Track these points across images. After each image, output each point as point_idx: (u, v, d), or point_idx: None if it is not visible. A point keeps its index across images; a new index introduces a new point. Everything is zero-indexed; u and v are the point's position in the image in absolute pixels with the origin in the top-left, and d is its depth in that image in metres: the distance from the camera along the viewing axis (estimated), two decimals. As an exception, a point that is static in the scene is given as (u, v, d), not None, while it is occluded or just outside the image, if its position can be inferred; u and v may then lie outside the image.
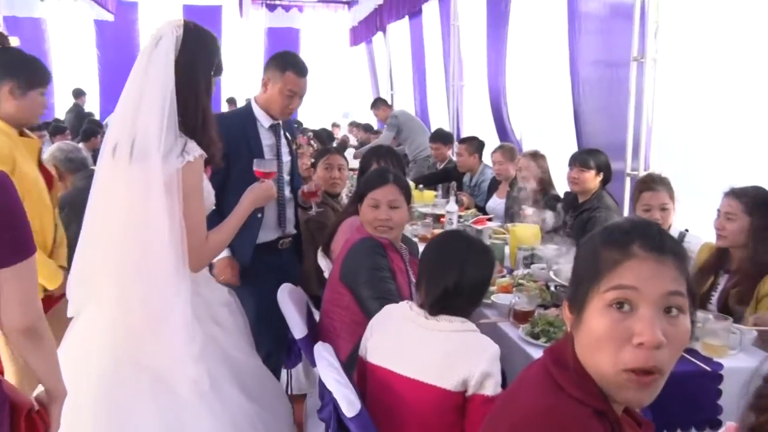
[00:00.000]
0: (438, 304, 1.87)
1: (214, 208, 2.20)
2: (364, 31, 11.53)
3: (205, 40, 2.00)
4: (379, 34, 10.94)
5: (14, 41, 2.68)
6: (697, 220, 3.32)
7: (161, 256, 1.87)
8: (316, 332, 2.43)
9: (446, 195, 5.74)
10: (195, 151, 1.92)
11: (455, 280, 1.86)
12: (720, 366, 2.14)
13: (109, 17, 11.72)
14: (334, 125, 12.91)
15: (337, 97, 14.35)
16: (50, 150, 3.66)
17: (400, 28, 9.83)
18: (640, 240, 1.06)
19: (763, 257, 2.59)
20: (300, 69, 2.94)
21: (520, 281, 2.81)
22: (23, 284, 1.37)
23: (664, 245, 1.05)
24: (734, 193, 2.71)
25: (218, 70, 2.04)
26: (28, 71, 2.52)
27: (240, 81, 13.95)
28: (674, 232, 3.17)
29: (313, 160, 4.01)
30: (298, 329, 2.27)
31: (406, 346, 1.86)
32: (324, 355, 1.91)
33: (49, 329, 1.45)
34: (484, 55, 6.21)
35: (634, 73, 3.84)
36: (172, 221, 1.86)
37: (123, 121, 1.93)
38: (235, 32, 13.85)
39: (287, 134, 3.13)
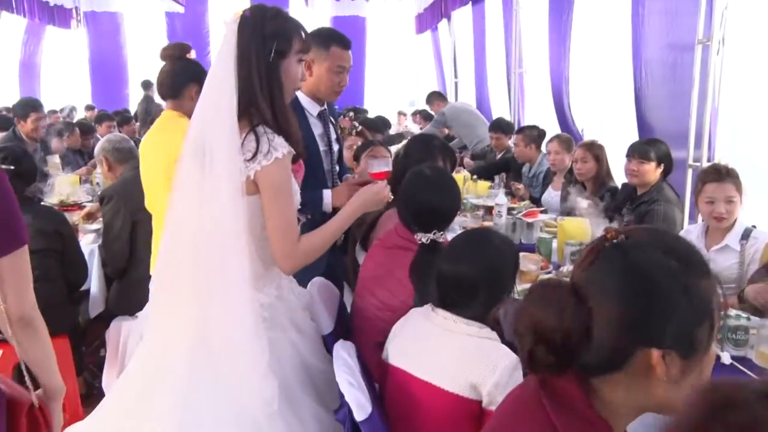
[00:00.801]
0: (438, 296, 1.80)
1: (299, 207, 2.07)
2: (429, 18, 11.39)
3: (259, 24, 1.84)
4: (444, 21, 10.79)
5: (192, 54, 2.94)
6: (764, 216, 3.10)
7: (234, 263, 1.78)
8: (346, 328, 2.38)
9: (504, 185, 5.64)
10: (283, 148, 1.81)
11: (452, 272, 1.78)
12: (773, 377, 1.98)
13: (180, 9, 12.03)
14: (400, 113, 12.86)
15: (403, 86, 14.27)
16: (100, 143, 3.76)
17: (463, 15, 9.65)
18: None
19: None
20: (344, 41, 2.76)
21: (563, 280, 2.67)
22: (17, 273, 1.38)
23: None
24: None
25: (282, 51, 1.86)
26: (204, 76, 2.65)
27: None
28: (740, 228, 2.97)
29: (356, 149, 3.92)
30: (324, 325, 2.23)
31: (423, 347, 1.79)
32: (341, 354, 1.86)
33: (43, 322, 1.46)
34: (546, 41, 6.02)
35: (699, 57, 3.61)
36: (240, 229, 1.78)
37: (198, 122, 1.87)
38: (301, 21, 13.96)
39: (332, 119, 3.00)
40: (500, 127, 6.14)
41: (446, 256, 1.85)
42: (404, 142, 7.21)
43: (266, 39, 1.84)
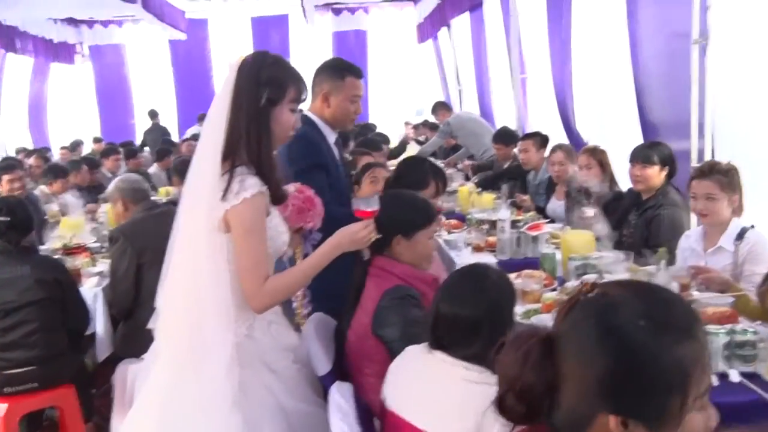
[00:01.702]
0: (431, 336, 1.77)
1: (285, 248, 2.12)
2: (430, 27, 11.39)
3: (255, 70, 1.91)
4: (444, 29, 10.77)
5: None
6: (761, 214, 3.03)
7: (206, 303, 1.88)
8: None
9: (510, 196, 5.58)
10: (253, 188, 1.85)
11: (436, 308, 1.76)
12: (784, 393, 1.91)
13: (182, 36, 12.13)
14: (407, 124, 12.84)
15: (409, 96, 14.26)
16: (115, 183, 3.75)
17: (462, 23, 9.63)
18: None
19: None
20: (357, 71, 2.88)
21: (566, 298, 2.62)
22: None
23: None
24: None
25: (273, 99, 1.91)
26: None
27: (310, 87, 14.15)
28: (735, 229, 2.91)
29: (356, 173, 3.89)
30: (321, 365, 2.19)
31: (421, 392, 1.75)
32: (336, 399, 1.83)
33: None
34: (547, 45, 5.97)
35: (696, 58, 3.55)
36: (216, 265, 1.86)
37: (192, 167, 1.98)
38: (303, 39, 14.04)
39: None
40: (501, 137, 6.09)
41: (445, 297, 1.82)
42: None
43: (260, 85, 1.90)
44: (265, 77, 1.91)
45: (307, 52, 14.24)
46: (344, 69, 2.83)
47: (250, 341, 1.96)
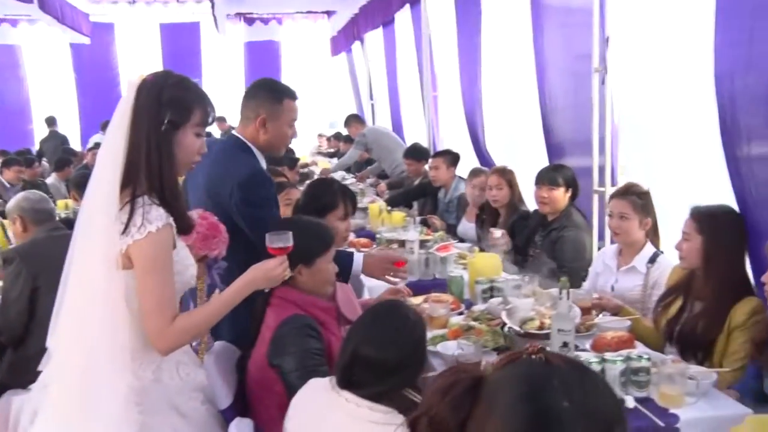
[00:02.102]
0: (341, 375, 1.74)
1: (193, 282, 2.00)
2: (343, 41, 11.40)
3: (155, 91, 1.77)
4: (357, 43, 10.81)
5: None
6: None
7: (99, 346, 1.72)
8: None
9: (421, 214, 5.63)
10: (159, 221, 1.72)
11: (354, 349, 1.73)
12: (676, 419, 1.99)
13: (85, 40, 11.63)
14: (320, 136, 12.79)
15: (322, 108, 14.23)
16: (16, 199, 3.49)
17: (376, 38, 9.70)
18: None
19: (716, 282, 2.47)
20: (293, 93, 2.72)
21: (472, 323, 2.65)
22: None
23: None
24: (692, 212, 2.62)
25: (176, 122, 1.79)
26: None
27: (222, 97, 13.88)
28: (649, 252, 3.04)
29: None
30: (221, 399, 2.11)
31: (323, 430, 1.71)
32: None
33: None
34: (457, 64, 6.08)
35: (596, 85, 3.69)
36: (113, 305, 1.71)
37: (87, 193, 1.81)
38: (215, 48, 13.77)
39: None
40: (414, 153, 6.14)
41: (365, 339, 1.77)
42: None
43: (162, 107, 1.77)
44: (167, 98, 1.77)
45: (219, 62, 14.02)
46: (281, 92, 2.68)
47: (157, 385, 1.83)
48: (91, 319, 1.72)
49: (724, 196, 2.68)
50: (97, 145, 10.51)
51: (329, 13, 12.29)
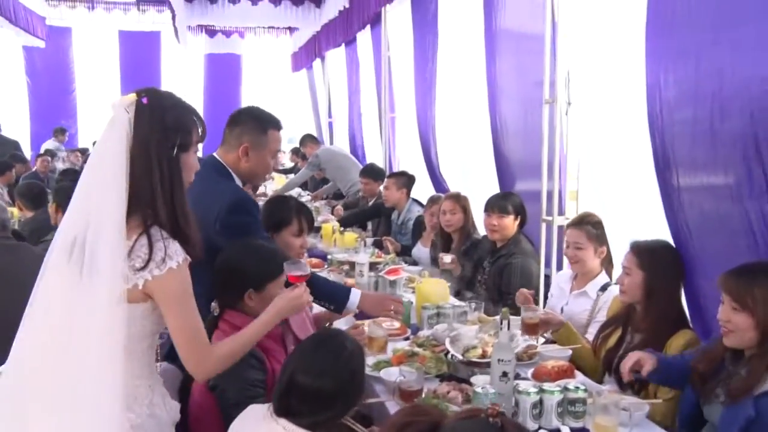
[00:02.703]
0: (278, 402, 1.74)
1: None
2: (304, 57, 11.40)
3: (158, 115, 1.70)
4: (318, 61, 10.84)
5: None
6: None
7: (105, 379, 1.62)
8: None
9: (375, 235, 5.65)
10: (178, 256, 1.68)
11: (291, 377, 1.74)
12: (608, 450, 2.03)
13: (40, 44, 11.39)
14: (279, 151, 12.71)
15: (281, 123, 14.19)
16: None
17: (337, 57, 9.74)
18: None
19: (655, 315, 2.54)
20: (279, 123, 2.68)
21: (417, 349, 2.66)
22: None
23: None
24: (632, 247, 2.69)
25: (185, 145, 1.75)
26: None
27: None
28: (601, 280, 3.13)
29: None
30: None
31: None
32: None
33: None
34: (413, 87, 6.15)
35: (546, 115, 3.77)
36: (112, 341, 1.62)
37: (77, 216, 1.69)
38: (175, 58, 13.65)
39: None
40: (370, 172, 6.19)
41: (302, 368, 1.77)
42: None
43: (168, 131, 1.71)
44: (172, 121, 1.72)
45: (179, 72, 13.89)
46: (267, 122, 2.62)
47: (151, 420, 1.77)
48: (84, 353, 1.63)
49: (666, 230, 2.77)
50: (47, 152, 10.27)
51: (291, 30, 12.29)
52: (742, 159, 2.14)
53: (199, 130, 1.83)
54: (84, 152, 10.94)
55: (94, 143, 10.87)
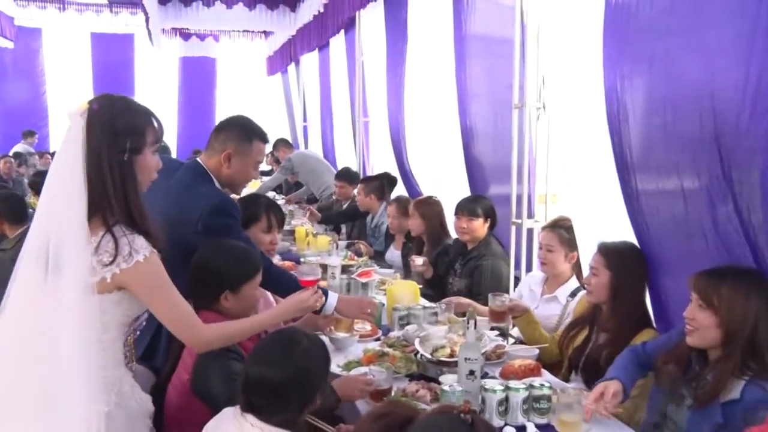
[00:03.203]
0: (243, 398, 1.76)
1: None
2: (279, 61, 11.39)
3: (108, 121, 1.76)
4: (293, 65, 10.84)
5: None
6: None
7: (74, 369, 1.69)
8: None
9: (349, 237, 5.67)
10: (144, 250, 1.75)
11: (248, 370, 1.77)
12: (572, 446, 2.08)
13: (9, 44, 11.23)
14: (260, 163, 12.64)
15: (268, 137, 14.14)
16: None
17: (312, 61, 9.75)
18: None
19: (620, 315, 2.59)
20: (264, 135, 2.72)
21: (387, 349, 2.69)
22: None
23: None
24: (599, 248, 2.73)
25: (136, 148, 1.80)
26: None
27: (154, 111, 13.61)
28: (572, 285, 3.18)
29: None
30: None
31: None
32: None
33: None
34: (385, 91, 6.18)
35: (516, 121, 3.83)
36: (85, 331, 1.69)
37: (42, 219, 1.77)
38: (149, 61, 13.53)
39: None
40: (346, 176, 6.22)
41: (253, 359, 1.81)
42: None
43: (118, 136, 1.76)
44: (122, 126, 1.77)
45: (153, 75, 13.77)
46: (253, 132, 2.66)
47: (119, 410, 1.81)
48: (58, 345, 1.69)
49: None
50: (16, 155, 10.13)
51: (266, 34, 12.28)
52: (691, 163, 2.19)
53: (156, 129, 1.87)
54: (54, 155, 10.77)
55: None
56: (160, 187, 2.10)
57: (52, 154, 11.00)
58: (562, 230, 3.20)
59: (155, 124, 1.88)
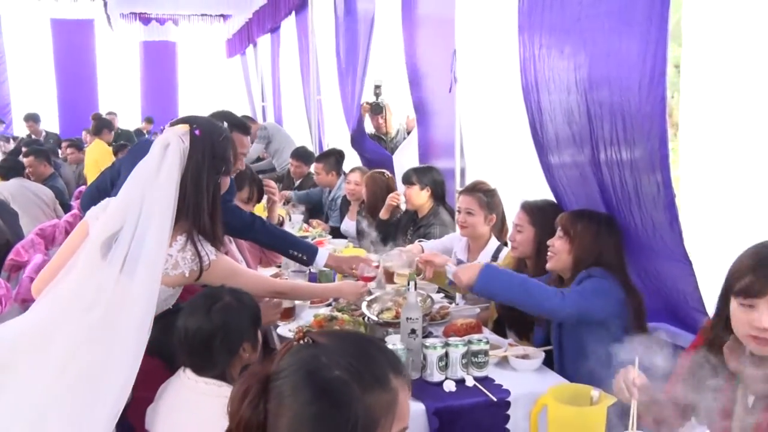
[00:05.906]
0: (181, 356, 1.80)
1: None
2: (238, 43, 11.21)
3: (209, 147, 2.00)
4: (251, 47, 10.65)
5: None
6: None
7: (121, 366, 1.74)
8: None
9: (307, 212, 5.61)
10: (211, 254, 2.01)
11: (182, 327, 1.80)
12: (507, 393, 2.11)
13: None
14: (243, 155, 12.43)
15: (217, 108, 13.89)
16: None
17: (267, 43, 9.58)
18: None
19: (543, 267, 2.61)
20: (245, 126, 2.69)
21: (336, 314, 2.68)
22: None
23: None
24: (523, 206, 2.75)
25: (227, 171, 2.11)
26: None
27: (116, 95, 13.29)
28: (493, 247, 3.17)
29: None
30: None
31: (171, 412, 1.73)
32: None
33: None
34: (336, 69, 6.11)
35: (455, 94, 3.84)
36: (148, 315, 1.80)
37: (117, 219, 1.86)
38: (110, 46, 13.17)
39: None
40: (302, 155, 6.12)
41: (182, 313, 1.83)
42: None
43: (216, 160, 2.02)
44: (220, 153, 2.04)
45: (114, 60, 13.42)
46: (233, 124, 2.52)
47: None
48: (114, 329, 1.77)
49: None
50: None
51: (225, 17, 12.01)
52: (600, 132, 2.26)
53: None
54: (16, 140, 10.43)
55: (28, 135, 10.40)
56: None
57: (16, 140, 10.70)
58: (480, 193, 3.14)
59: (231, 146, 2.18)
